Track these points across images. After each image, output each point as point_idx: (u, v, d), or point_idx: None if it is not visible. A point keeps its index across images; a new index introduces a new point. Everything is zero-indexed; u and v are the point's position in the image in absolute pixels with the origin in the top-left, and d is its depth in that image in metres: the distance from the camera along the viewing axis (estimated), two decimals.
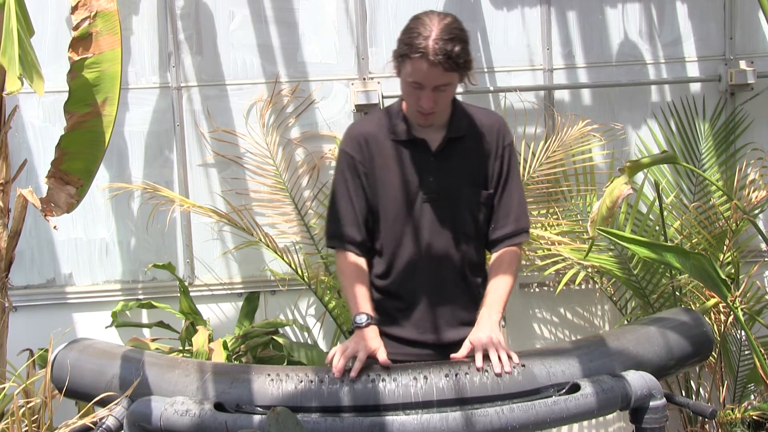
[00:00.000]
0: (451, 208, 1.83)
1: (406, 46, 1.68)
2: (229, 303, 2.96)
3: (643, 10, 2.96)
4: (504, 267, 1.83)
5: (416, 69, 1.67)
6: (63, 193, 1.95)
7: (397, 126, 1.83)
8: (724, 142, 2.96)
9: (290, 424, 1.38)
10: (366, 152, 1.84)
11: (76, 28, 1.94)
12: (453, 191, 1.82)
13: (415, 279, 1.85)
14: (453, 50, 1.64)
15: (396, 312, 1.87)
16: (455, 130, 1.83)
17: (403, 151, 1.82)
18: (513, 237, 1.87)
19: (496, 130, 1.86)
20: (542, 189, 2.86)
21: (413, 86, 1.71)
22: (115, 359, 1.71)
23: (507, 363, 1.63)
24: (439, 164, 1.82)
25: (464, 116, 1.85)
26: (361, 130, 1.87)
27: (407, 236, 1.83)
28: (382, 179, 1.83)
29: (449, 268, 1.85)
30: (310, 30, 2.89)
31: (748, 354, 2.73)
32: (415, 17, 1.72)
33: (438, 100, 1.72)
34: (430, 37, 1.64)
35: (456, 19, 1.71)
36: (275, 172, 2.88)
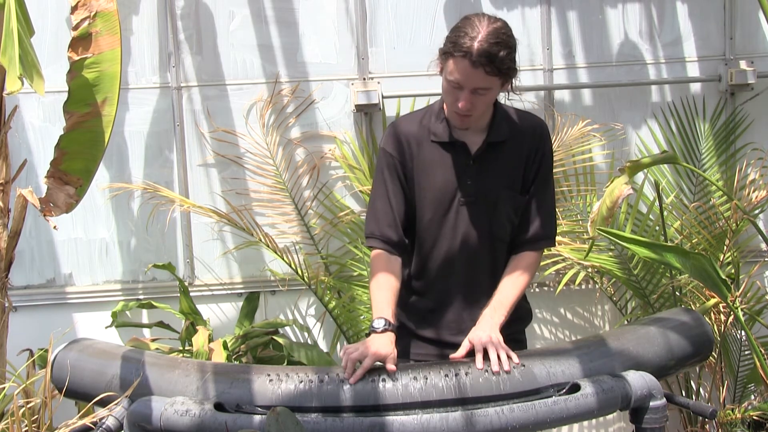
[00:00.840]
0: (488, 212, 1.81)
1: (451, 44, 1.66)
2: (229, 303, 2.96)
3: (643, 10, 2.96)
4: (519, 270, 1.82)
5: (457, 68, 1.65)
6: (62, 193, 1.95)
7: (437, 127, 1.82)
8: (724, 142, 2.96)
9: (290, 424, 1.38)
10: (407, 152, 1.82)
11: (76, 28, 1.94)
12: (490, 195, 1.81)
13: (448, 280, 1.84)
14: (497, 54, 1.62)
15: (428, 313, 1.87)
16: (495, 135, 1.81)
17: (443, 153, 1.81)
18: (534, 242, 1.85)
19: (538, 135, 1.84)
20: None
21: (453, 85, 1.69)
22: (115, 359, 1.71)
23: (506, 362, 1.62)
24: (478, 168, 1.80)
25: (505, 120, 1.83)
26: (403, 129, 1.85)
27: (443, 238, 1.82)
28: (419, 180, 1.82)
29: (483, 271, 1.84)
30: (310, 30, 2.89)
31: (748, 354, 2.73)
32: (465, 17, 1.70)
33: (476, 103, 1.69)
34: (477, 38, 1.62)
35: (506, 25, 1.69)
36: (275, 172, 2.88)
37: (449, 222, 1.82)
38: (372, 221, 1.87)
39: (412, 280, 1.89)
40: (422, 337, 1.88)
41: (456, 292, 1.85)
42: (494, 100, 1.78)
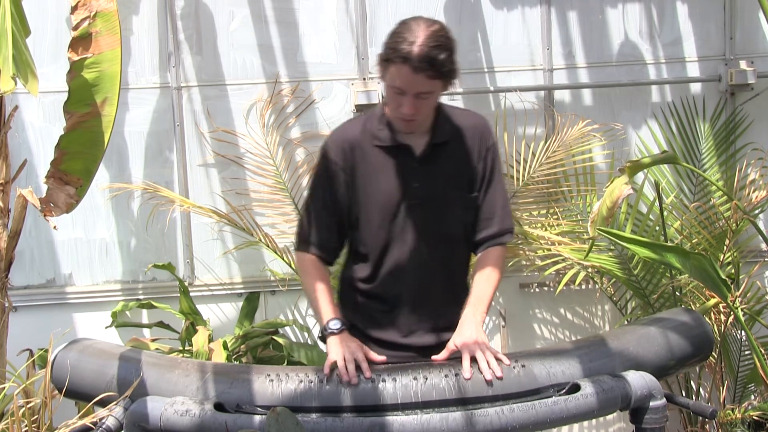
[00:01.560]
0: (438, 212, 1.82)
1: (390, 50, 1.66)
2: (229, 303, 2.96)
3: (643, 10, 2.96)
4: (489, 266, 1.82)
5: (399, 74, 1.65)
6: (62, 193, 1.95)
7: (380, 132, 1.81)
8: (724, 142, 2.96)
9: (290, 424, 1.38)
10: (349, 158, 1.81)
11: (76, 28, 1.94)
12: (439, 196, 1.81)
13: (400, 283, 1.83)
14: (437, 58, 1.62)
15: (380, 315, 1.86)
16: (439, 136, 1.81)
17: (388, 157, 1.81)
18: (497, 237, 1.86)
19: (480, 132, 1.85)
20: (542, 189, 2.86)
21: (395, 91, 1.69)
22: (115, 359, 1.71)
23: (496, 367, 1.62)
24: (424, 169, 1.80)
25: (447, 121, 1.84)
26: (346, 135, 1.85)
27: (393, 241, 1.82)
28: (366, 186, 1.81)
29: (435, 272, 1.84)
30: (310, 30, 2.89)
31: (748, 354, 2.73)
32: (402, 22, 1.70)
33: (419, 107, 1.70)
34: (416, 42, 1.62)
35: (444, 27, 1.69)
36: (275, 172, 2.88)
37: (398, 225, 1.81)
38: (306, 226, 1.86)
39: (363, 283, 1.88)
40: (373, 338, 1.86)
41: (408, 294, 1.84)
42: (436, 102, 1.78)
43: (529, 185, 2.82)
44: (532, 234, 2.79)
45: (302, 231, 1.88)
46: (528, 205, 2.87)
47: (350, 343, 1.71)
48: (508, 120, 2.89)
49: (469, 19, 2.91)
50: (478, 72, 2.93)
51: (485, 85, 2.94)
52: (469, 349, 1.66)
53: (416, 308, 1.84)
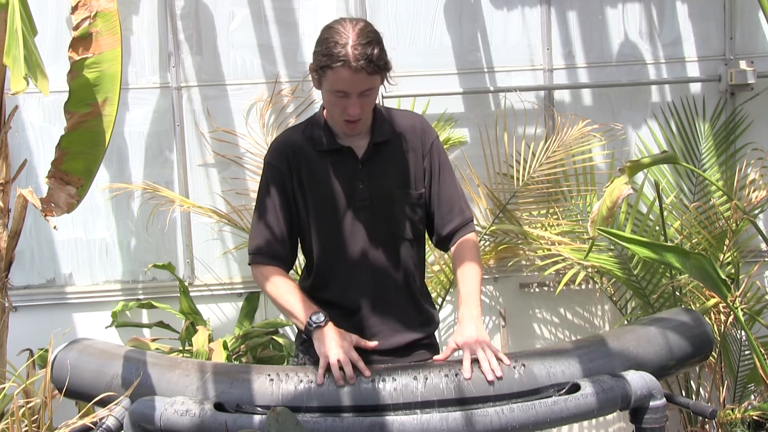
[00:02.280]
0: (385, 212, 1.81)
1: (325, 57, 1.67)
2: (229, 303, 2.96)
3: (643, 10, 2.96)
4: (467, 258, 1.82)
5: (340, 78, 1.65)
6: (63, 193, 1.95)
7: (320, 136, 1.81)
8: (724, 142, 2.96)
9: (290, 424, 1.38)
10: (293, 164, 1.81)
11: (76, 28, 1.94)
12: (385, 196, 1.80)
13: (354, 288, 1.82)
14: (373, 53, 1.63)
15: (338, 319, 1.81)
16: (379, 135, 1.81)
17: (331, 161, 1.80)
18: (463, 228, 1.86)
19: (419, 129, 1.85)
20: (542, 189, 2.86)
21: (338, 95, 1.69)
22: (115, 359, 1.71)
23: (497, 367, 1.62)
24: (368, 170, 1.80)
25: (385, 120, 1.84)
26: (288, 142, 1.84)
27: (343, 246, 1.81)
28: (311, 191, 1.81)
29: (389, 273, 1.83)
30: (310, 30, 2.89)
31: (748, 354, 2.73)
32: (327, 27, 1.72)
33: (364, 105, 1.71)
34: (348, 44, 1.63)
35: (368, 23, 1.71)
36: None
37: (347, 229, 1.80)
38: (259, 237, 1.83)
39: (316, 291, 1.85)
40: None
41: (363, 297, 1.82)
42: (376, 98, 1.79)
43: (529, 185, 2.83)
44: (532, 234, 2.79)
45: (253, 244, 1.84)
46: (528, 205, 2.87)
47: (342, 341, 1.68)
48: (508, 120, 2.90)
49: (469, 19, 2.91)
50: (478, 72, 2.93)
51: (485, 85, 2.94)
52: (471, 349, 1.66)
53: (374, 311, 1.82)
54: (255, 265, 1.85)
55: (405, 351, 1.83)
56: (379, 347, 1.80)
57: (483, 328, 1.71)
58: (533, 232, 2.79)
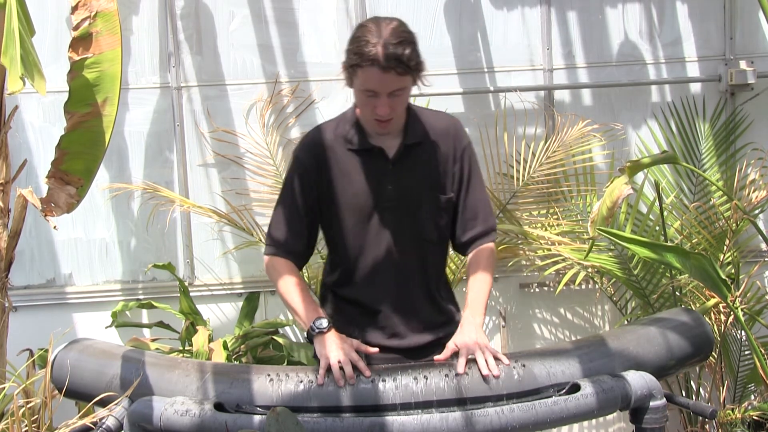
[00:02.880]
0: (412, 214, 1.81)
1: (355, 55, 1.65)
2: (229, 303, 2.96)
3: (643, 10, 2.96)
4: (481, 266, 1.82)
5: (369, 77, 1.64)
6: (63, 193, 1.95)
7: (352, 135, 1.81)
8: (724, 142, 2.96)
9: (290, 424, 1.38)
10: (321, 162, 1.81)
11: (76, 28, 1.94)
12: (412, 198, 1.81)
13: (377, 287, 1.83)
14: (404, 53, 1.62)
15: (360, 317, 1.84)
16: (411, 137, 1.80)
17: (361, 160, 1.80)
18: (484, 236, 1.86)
19: (453, 133, 1.85)
20: (542, 189, 2.86)
21: (368, 95, 1.68)
22: (115, 359, 1.71)
23: (494, 366, 1.62)
24: (398, 172, 1.80)
25: (419, 122, 1.83)
26: (318, 139, 1.84)
27: (368, 245, 1.81)
28: (339, 189, 1.81)
29: (412, 274, 1.83)
30: (310, 30, 2.89)
31: (748, 354, 2.73)
32: (360, 25, 1.70)
33: (394, 105, 1.70)
34: (379, 43, 1.62)
35: (402, 22, 1.69)
36: (275, 172, 2.88)
37: (373, 228, 1.80)
38: (277, 229, 1.84)
39: (339, 288, 1.87)
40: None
41: (386, 296, 1.83)
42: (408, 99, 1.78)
43: (529, 185, 2.83)
44: (532, 234, 2.79)
45: (271, 235, 1.86)
46: (528, 205, 2.87)
47: (343, 344, 1.69)
48: (508, 120, 2.89)
49: (469, 19, 2.91)
50: (478, 72, 2.93)
51: (485, 85, 2.94)
52: (468, 349, 1.66)
53: (396, 310, 1.83)
54: (269, 256, 1.85)
55: (425, 350, 1.82)
56: (400, 346, 1.82)
57: (483, 334, 1.71)
58: (533, 232, 2.79)
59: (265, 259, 1.87)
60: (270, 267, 1.85)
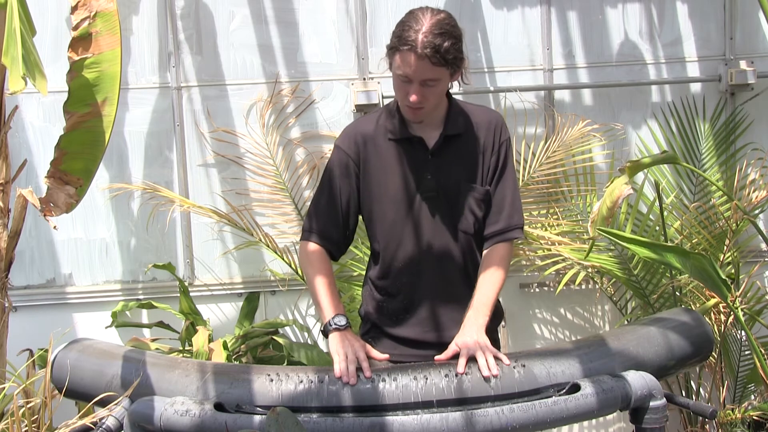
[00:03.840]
0: (450, 205, 1.82)
1: (396, 38, 1.68)
2: (229, 303, 2.96)
3: (643, 10, 2.96)
4: (494, 265, 1.81)
5: (404, 61, 1.66)
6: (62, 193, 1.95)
7: (393, 125, 1.82)
8: (724, 142, 2.96)
9: (290, 424, 1.38)
10: (362, 152, 1.82)
11: (76, 28, 1.94)
12: (451, 189, 1.81)
13: (417, 278, 1.84)
14: (442, 45, 1.64)
15: (398, 312, 1.86)
16: (452, 128, 1.82)
17: (401, 150, 1.81)
18: (504, 233, 1.85)
19: (494, 126, 1.85)
20: (542, 189, 2.86)
21: (402, 79, 1.70)
22: (115, 359, 1.71)
23: (494, 366, 1.62)
24: (437, 162, 1.81)
25: (461, 114, 1.84)
26: (359, 129, 1.86)
27: (407, 236, 1.82)
28: (378, 180, 1.82)
29: (451, 266, 1.84)
30: (310, 30, 2.89)
31: (748, 354, 2.73)
32: (409, 12, 1.72)
33: (426, 95, 1.70)
34: (421, 30, 1.64)
35: (450, 16, 1.71)
36: (275, 172, 2.88)
37: (413, 219, 1.81)
38: (314, 216, 1.86)
39: (379, 280, 1.88)
40: (397, 337, 1.87)
41: (427, 289, 1.84)
42: (445, 91, 1.79)
43: (529, 185, 2.82)
44: (532, 234, 2.79)
45: (307, 221, 1.88)
46: (528, 205, 2.87)
47: (354, 342, 1.70)
48: (508, 120, 2.89)
49: (469, 19, 2.91)
50: (478, 72, 2.93)
51: (485, 85, 2.94)
52: (469, 350, 1.66)
53: (434, 303, 1.84)
54: (304, 241, 1.86)
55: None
56: (438, 340, 1.82)
57: (485, 336, 1.71)
58: (533, 232, 2.79)
59: (300, 243, 1.89)
60: (303, 251, 1.86)
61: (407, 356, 1.81)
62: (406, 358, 1.79)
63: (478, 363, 1.63)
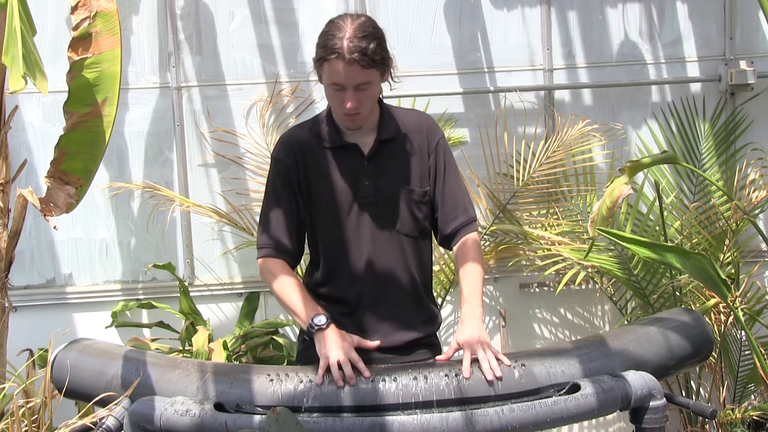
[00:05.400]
0: (390, 210, 1.82)
1: (322, 49, 1.70)
2: (229, 303, 2.96)
3: (643, 10, 2.96)
4: (470, 257, 1.82)
5: (334, 70, 1.68)
6: (62, 193, 1.95)
7: (327, 133, 1.83)
8: (724, 142, 2.96)
9: (290, 424, 1.38)
10: (299, 161, 1.82)
11: (76, 28, 1.94)
12: (390, 193, 1.82)
13: (358, 284, 1.82)
14: (368, 47, 1.65)
15: (340, 317, 1.82)
16: (385, 132, 1.83)
17: (337, 157, 1.82)
18: (467, 226, 1.87)
19: (425, 128, 1.87)
20: (542, 189, 2.86)
21: (335, 88, 1.71)
22: (115, 359, 1.71)
23: (497, 367, 1.62)
24: (374, 167, 1.81)
25: (392, 118, 1.86)
26: (294, 138, 1.86)
27: (348, 242, 1.82)
28: (317, 187, 1.82)
29: (393, 271, 1.83)
30: (310, 30, 2.89)
31: (748, 354, 2.73)
32: (330, 21, 1.74)
33: (361, 99, 1.71)
34: (345, 37, 1.65)
35: (370, 19, 1.73)
36: None
37: (351, 225, 1.81)
38: (265, 232, 1.85)
39: (320, 287, 1.87)
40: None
41: (368, 293, 1.83)
42: (378, 94, 1.80)
43: (529, 185, 2.83)
44: (532, 234, 2.79)
45: (260, 238, 1.86)
46: (528, 205, 2.87)
47: (343, 342, 1.69)
48: (508, 120, 2.89)
49: (469, 19, 2.91)
50: (478, 72, 2.93)
51: (485, 85, 2.94)
52: (472, 348, 1.66)
53: (376, 308, 1.83)
54: (263, 258, 1.85)
55: (406, 349, 1.83)
56: (380, 345, 1.81)
57: (484, 329, 1.72)
58: (533, 232, 2.79)
59: (258, 262, 1.86)
60: (264, 269, 1.85)
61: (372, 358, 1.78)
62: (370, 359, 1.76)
63: (481, 367, 1.63)
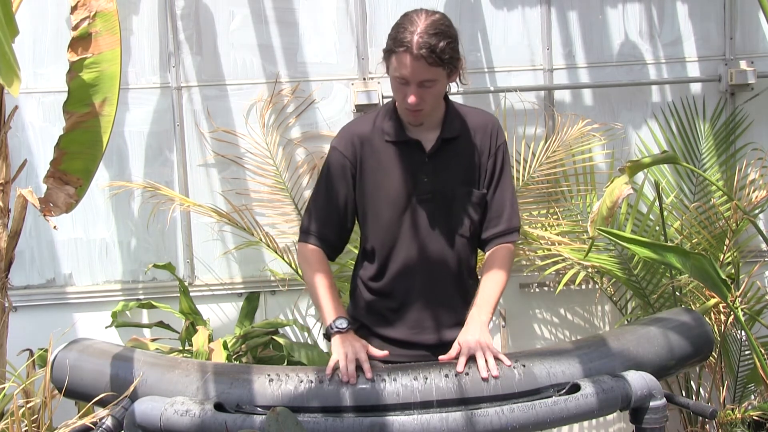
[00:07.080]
0: (446, 208, 1.82)
1: (392, 41, 1.68)
2: (229, 303, 2.96)
3: (643, 10, 2.96)
4: (496, 265, 1.82)
5: (401, 63, 1.66)
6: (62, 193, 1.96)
7: (390, 127, 1.82)
8: (724, 142, 2.96)
9: (290, 424, 1.38)
10: (358, 153, 1.82)
11: (76, 28, 1.94)
12: (447, 192, 1.82)
13: (409, 280, 1.84)
14: (437, 45, 1.64)
15: (389, 313, 1.86)
16: (449, 131, 1.82)
17: (397, 152, 1.81)
18: (505, 235, 1.86)
19: (490, 129, 1.86)
20: (542, 189, 2.86)
21: (399, 81, 1.70)
22: (115, 359, 1.71)
23: (494, 367, 1.62)
24: (434, 165, 1.81)
25: (457, 116, 1.85)
26: (356, 130, 1.86)
27: (402, 237, 1.82)
28: (374, 181, 1.82)
29: (444, 269, 1.84)
30: (310, 30, 2.89)
31: (748, 354, 2.72)
32: (404, 14, 1.72)
33: (424, 96, 1.70)
34: (416, 31, 1.64)
35: (445, 16, 1.71)
36: (275, 172, 2.88)
37: (407, 221, 1.81)
38: (311, 217, 1.86)
39: (372, 281, 1.88)
40: (387, 337, 1.87)
41: (418, 291, 1.84)
42: (443, 93, 1.79)
43: (529, 185, 2.82)
44: (532, 234, 2.79)
45: (304, 223, 1.88)
46: (528, 205, 2.87)
47: (355, 343, 1.71)
48: (508, 120, 2.89)
49: (469, 19, 2.91)
50: (478, 72, 2.93)
51: (485, 85, 2.94)
52: (470, 349, 1.67)
53: (425, 305, 1.84)
54: (302, 243, 1.87)
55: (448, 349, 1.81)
56: (429, 342, 1.83)
57: (488, 333, 1.72)
58: (533, 232, 2.79)
59: (298, 244, 1.89)
60: (302, 254, 1.87)
61: (396, 356, 1.81)
62: (395, 358, 1.78)
63: (477, 365, 1.63)
